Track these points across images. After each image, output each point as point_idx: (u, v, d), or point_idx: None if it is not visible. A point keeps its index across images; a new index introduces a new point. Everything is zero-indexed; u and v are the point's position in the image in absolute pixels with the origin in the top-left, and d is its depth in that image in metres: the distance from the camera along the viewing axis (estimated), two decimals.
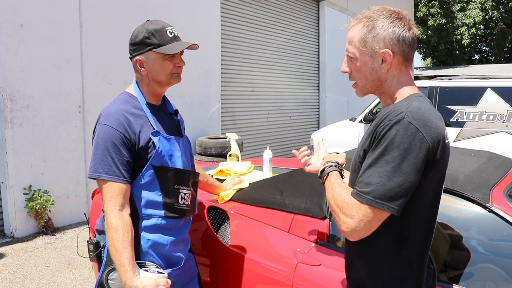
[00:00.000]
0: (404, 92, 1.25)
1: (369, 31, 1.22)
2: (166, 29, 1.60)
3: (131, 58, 1.64)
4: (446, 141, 1.21)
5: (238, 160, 2.96)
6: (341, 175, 1.35)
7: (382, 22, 1.22)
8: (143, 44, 1.58)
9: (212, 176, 2.49)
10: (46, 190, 4.59)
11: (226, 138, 6.01)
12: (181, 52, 1.63)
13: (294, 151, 1.76)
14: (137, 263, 1.49)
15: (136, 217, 1.55)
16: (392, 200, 1.10)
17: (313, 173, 1.61)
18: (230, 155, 2.98)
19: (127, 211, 1.51)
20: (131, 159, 1.53)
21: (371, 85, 1.28)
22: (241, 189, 2.23)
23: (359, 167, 1.21)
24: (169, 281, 1.48)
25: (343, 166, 1.49)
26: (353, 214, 1.12)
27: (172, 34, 1.61)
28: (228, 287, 1.93)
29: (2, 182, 4.39)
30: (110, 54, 5.18)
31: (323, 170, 1.36)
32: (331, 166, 1.35)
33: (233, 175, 2.46)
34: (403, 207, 1.12)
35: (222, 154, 5.87)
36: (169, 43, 1.59)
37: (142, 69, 1.61)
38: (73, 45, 4.83)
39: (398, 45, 1.21)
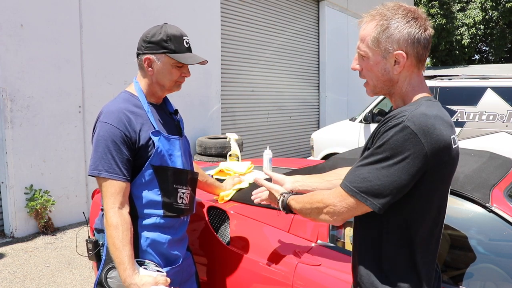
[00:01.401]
0: (415, 95, 1.23)
1: (383, 30, 1.18)
2: (183, 38, 1.62)
3: (138, 54, 1.63)
4: (454, 146, 1.18)
5: (238, 160, 2.96)
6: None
7: (397, 22, 1.17)
8: (159, 45, 1.58)
9: (212, 176, 2.49)
10: (46, 190, 4.59)
11: (226, 138, 6.01)
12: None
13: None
14: (137, 261, 1.50)
15: (135, 216, 1.56)
16: (377, 198, 1.12)
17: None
18: (230, 155, 2.97)
19: (126, 209, 1.51)
20: (131, 157, 1.53)
21: (382, 85, 1.26)
22: (241, 189, 2.23)
23: None
24: (168, 280, 1.48)
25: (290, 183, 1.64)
26: (335, 203, 1.20)
27: (188, 44, 1.64)
28: (228, 287, 1.93)
29: (2, 182, 4.39)
30: (110, 54, 5.18)
31: (283, 206, 1.46)
32: (283, 196, 1.47)
33: (233, 175, 2.46)
34: (387, 206, 1.14)
35: (222, 154, 5.87)
36: (184, 52, 1.62)
37: (150, 68, 1.61)
38: (73, 45, 4.83)
39: (413, 47, 1.18)
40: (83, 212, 1.99)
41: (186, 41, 1.63)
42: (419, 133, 1.10)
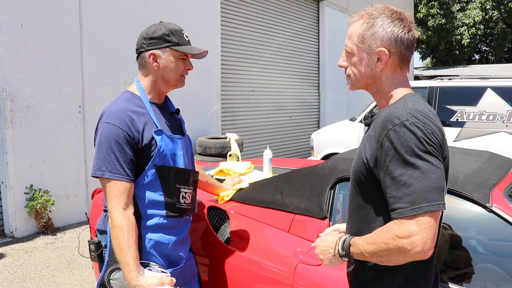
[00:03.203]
0: (398, 93, 1.25)
1: (368, 28, 1.23)
2: (183, 32, 1.66)
3: (141, 52, 1.63)
4: (444, 137, 1.23)
5: (238, 160, 2.96)
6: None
7: (382, 20, 1.22)
8: (162, 39, 1.60)
9: (212, 176, 2.49)
10: (46, 190, 4.59)
11: (226, 138, 6.00)
12: (190, 56, 1.67)
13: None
14: (141, 263, 1.49)
15: (138, 216, 1.55)
16: (440, 198, 1.08)
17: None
18: (230, 155, 2.97)
19: (131, 210, 1.51)
20: (134, 157, 1.53)
21: (364, 81, 1.29)
22: (241, 189, 2.23)
23: (362, 175, 1.21)
24: (174, 280, 1.48)
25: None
26: (414, 230, 1.04)
27: (187, 38, 1.67)
28: (229, 287, 1.94)
29: (2, 182, 4.39)
30: (110, 54, 5.18)
31: (344, 248, 1.22)
32: (344, 240, 1.23)
33: (233, 175, 2.46)
34: None
35: (222, 154, 5.87)
36: (186, 44, 1.65)
37: (155, 64, 1.61)
38: (73, 45, 4.83)
39: (396, 45, 1.22)
40: (86, 213, 1.99)
41: (185, 35, 1.66)
42: (425, 125, 1.11)
